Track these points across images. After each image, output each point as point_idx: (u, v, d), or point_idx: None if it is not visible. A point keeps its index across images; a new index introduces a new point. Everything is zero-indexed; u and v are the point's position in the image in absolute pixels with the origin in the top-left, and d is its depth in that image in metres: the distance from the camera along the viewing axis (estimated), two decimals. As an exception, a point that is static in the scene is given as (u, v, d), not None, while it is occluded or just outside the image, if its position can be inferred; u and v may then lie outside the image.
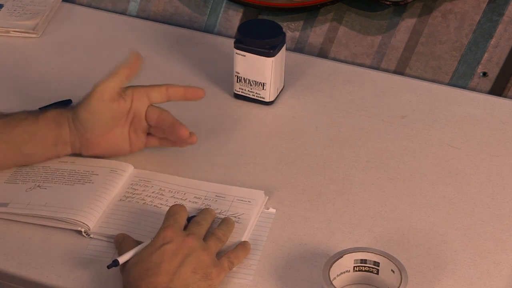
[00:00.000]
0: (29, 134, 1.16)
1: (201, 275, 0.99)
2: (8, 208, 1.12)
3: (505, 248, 1.11)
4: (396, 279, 1.00)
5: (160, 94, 1.19)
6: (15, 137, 1.16)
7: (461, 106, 1.37)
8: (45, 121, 1.17)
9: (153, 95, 1.19)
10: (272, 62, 1.31)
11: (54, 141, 1.18)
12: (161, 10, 1.59)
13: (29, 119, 1.17)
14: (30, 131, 1.16)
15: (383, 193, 1.19)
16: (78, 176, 1.18)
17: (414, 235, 1.12)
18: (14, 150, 1.16)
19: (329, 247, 1.10)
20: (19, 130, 1.16)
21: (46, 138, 1.17)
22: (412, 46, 1.45)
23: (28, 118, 1.17)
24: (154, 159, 1.23)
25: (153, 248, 1.01)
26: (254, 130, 1.31)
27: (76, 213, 1.11)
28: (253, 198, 1.15)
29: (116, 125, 1.19)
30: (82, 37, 1.53)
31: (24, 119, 1.17)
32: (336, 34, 1.49)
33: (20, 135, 1.16)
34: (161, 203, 1.15)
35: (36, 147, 1.17)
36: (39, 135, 1.17)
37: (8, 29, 1.52)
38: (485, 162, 1.25)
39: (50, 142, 1.18)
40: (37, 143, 1.17)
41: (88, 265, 1.07)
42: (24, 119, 1.17)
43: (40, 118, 1.17)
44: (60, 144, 1.18)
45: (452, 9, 1.41)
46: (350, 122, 1.32)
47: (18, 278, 1.06)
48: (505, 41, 1.40)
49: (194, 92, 1.21)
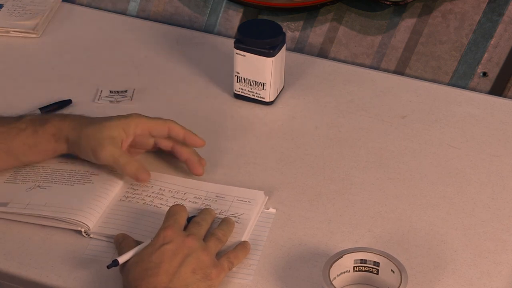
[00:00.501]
0: (28, 146, 1.16)
1: (200, 275, 0.99)
2: (8, 208, 1.12)
3: (505, 248, 1.11)
4: (396, 279, 1.00)
5: (161, 132, 1.20)
6: (15, 148, 1.16)
7: (461, 106, 1.37)
8: (44, 135, 1.17)
9: (154, 132, 1.19)
10: (272, 62, 1.31)
11: (53, 153, 1.18)
12: (161, 10, 1.59)
13: (29, 131, 1.16)
14: (30, 144, 1.16)
15: (383, 193, 1.19)
16: (78, 176, 1.18)
17: (414, 235, 1.12)
18: (13, 159, 1.17)
19: (329, 247, 1.10)
20: (18, 142, 1.16)
21: (46, 150, 1.18)
22: (412, 46, 1.45)
23: (28, 129, 1.16)
24: (154, 159, 1.23)
25: (153, 248, 1.01)
26: (254, 130, 1.31)
27: (76, 213, 1.11)
28: (253, 198, 1.15)
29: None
30: (82, 37, 1.53)
31: (23, 129, 1.16)
32: (336, 34, 1.49)
33: (19, 147, 1.16)
34: (161, 203, 1.15)
35: (35, 157, 1.19)
36: (38, 147, 1.17)
37: (8, 29, 1.52)
38: (485, 162, 1.25)
39: (50, 153, 1.19)
40: (36, 154, 1.18)
41: (88, 265, 1.07)
42: (23, 130, 1.16)
43: (40, 131, 1.16)
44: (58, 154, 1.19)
45: (452, 9, 1.41)
46: (350, 122, 1.32)
47: (18, 278, 1.06)
48: (505, 41, 1.40)
49: (194, 140, 1.20)
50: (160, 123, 1.19)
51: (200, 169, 1.20)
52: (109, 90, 1.38)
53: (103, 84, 1.39)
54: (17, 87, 1.39)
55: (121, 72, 1.43)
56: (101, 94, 1.37)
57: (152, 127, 1.19)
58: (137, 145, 1.20)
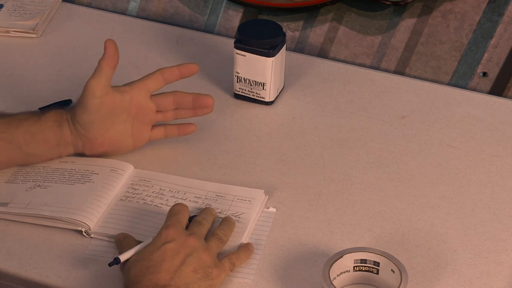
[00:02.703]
0: (31, 134, 1.16)
1: (201, 274, 1.00)
2: (9, 207, 1.12)
3: (505, 248, 1.11)
4: (396, 279, 1.00)
5: (156, 81, 1.20)
6: (18, 137, 1.16)
7: (461, 106, 1.37)
8: (47, 122, 1.17)
9: (150, 84, 1.20)
10: (272, 62, 1.31)
11: (56, 142, 1.18)
12: (161, 10, 1.59)
13: (31, 120, 1.17)
14: (32, 132, 1.16)
15: (383, 193, 1.19)
16: (79, 175, 1.18)
17: (414, 235, 1.12)
18: (16, 150, 1.17)
19: (329, 247, 1.10)
20: (21, 130, 1.16)
21: (49, 138, 1.17)
22: (412, 46, 1.45)
23: (30, 118, 1.17)
24: (154, 159, 1.23)
25: (155, 246, 1.01)
26: (254, 130, 1.31)
27: (77, 212, 1.11)
28: (253, 197, 1.15)
29: (116, 121, 1.19)
30: (82, 37, 1.53)
31: (25, 119, 1.17)
32: (336, 34, 1.49)
33: (22, 135, 1.16)
34: (161, 203, 1.15)
35: (38, 147, 1.18)
36: (41, 136, 1.17)
37: (8, 29, 1.52)
38: (485, 162, 1.25)
39: (53, 143, 1.18)
40: (39, 143, 1.17)
41: (88, 265, 1.07)
42: (25, 120, 1.17)
43: (42, 119, 1.17)
44: (62, 144, 1.19)
45: (452, 9, 1.41)
46: (350, 122, 1.32)
47: (18, 278, 1.06)
48: (505, 41, 1.40)
49: (189, 68, 1.22)
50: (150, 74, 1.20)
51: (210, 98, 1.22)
52: (109, 90, 1.38)
53: (103, 84, 1.39)
54: (17, 87, 1.39)
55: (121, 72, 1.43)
56: (101, 94, 1.37)
57: (146, 80, 1.20)
58: (139, 115, 1.20)
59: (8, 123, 1.16)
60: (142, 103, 1.20)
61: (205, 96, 1.23)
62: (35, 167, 1.19)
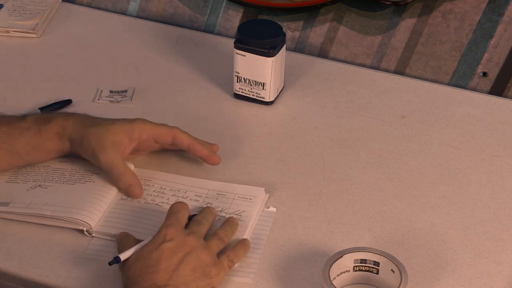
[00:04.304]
0: (32, 146, 1.16)
1: (200, 273, 1.00)
2: (9, 207, 1.12)
3: (505, 248, 1.11)
4: (396, 279, 1.00)
5: (166, 140, 1.19)
6: (19, 148, 1.16)
7: (461, 106, 1.37)
8: (48, 134, 1.17)
9: (159, 139, 1.19)
10: (272, 62, 1.31)
11: (56, 152, 1.18)
12: (161, 10, 1.59)
13: (32, 130, 1.16)
14: (34, 144, 1.16)
15: (383, 193, 1.19)
16: (79, 175, 1.18)
17: (414, 235, 1.12)
18: (16, 157, 1.17)
19: (329, 247, 1.10)
20: (22, 142, 1.16)
21: (49, 149, 1.18)
22: (412, 46, 1.45)
23: (31, 128, 1.16)
24: (154, 158, 1.23)
25: (154, 245, 1.01)
26: (254, 130, 1.31)
27: (78, 212, 1.11)
28: (254, 195, 1.15)
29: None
30: (82, 37, 1.53)
31: (27, 129, 1.16)
32: (336, 34, 1.49)
33: (23, 146, 1.16)
34: (162, 202, 1.15)
35: (39, 157, 1.19)
36: (42, 147, 1.17)
37: (8, 29, 1.52)
38: (485, 162, 1.25)
39: (53, 153, 1.18)
40: (40, 153, 1.18)
41: (88, 265, 1.07)
42: (27, 129, 1.16)
43: (44, 131, 1.16)
44: (62, 153, 1.19)
45: (452, 9, 1.41)
46: (350, 122, 1.33)
47: (18, 278, 1.06)
48: (505, 41, 1.40)
49: (197, 150, 1.20)
50: (165, 131, 1.19)
51: (215, 158, 1.20)
52: (109, 90, 1.38)
53: (103, 84, 1.39)
54: (17, 87, 1.39)
55: (121, 72, 1.43)
56: (101, 94, 1.37)
57: (157, 134, 1.19)
58: (141, 149, 1.20)
59: (8, 133, 1.16)
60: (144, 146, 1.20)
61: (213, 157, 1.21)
62: (36, 166, 1.19)
